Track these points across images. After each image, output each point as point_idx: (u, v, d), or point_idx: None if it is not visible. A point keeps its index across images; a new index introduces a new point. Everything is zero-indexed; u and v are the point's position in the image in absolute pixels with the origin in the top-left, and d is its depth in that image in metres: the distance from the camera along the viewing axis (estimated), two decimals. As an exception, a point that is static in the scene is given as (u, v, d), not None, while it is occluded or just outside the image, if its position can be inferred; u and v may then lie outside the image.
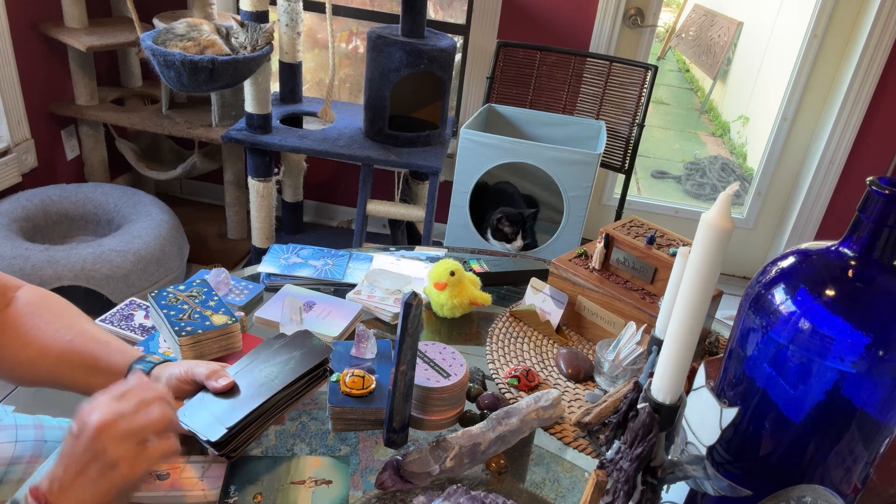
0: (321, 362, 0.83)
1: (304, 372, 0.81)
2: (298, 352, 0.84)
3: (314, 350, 0.84)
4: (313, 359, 0.83)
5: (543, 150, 1.89)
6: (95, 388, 0.79)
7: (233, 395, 0.78)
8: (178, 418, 0.72)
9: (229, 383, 0.78)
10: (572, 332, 1.16)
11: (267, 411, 0.78)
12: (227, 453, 0.76)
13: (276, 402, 0.79)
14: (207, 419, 0.76)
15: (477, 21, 2.52)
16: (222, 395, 0.78)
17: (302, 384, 0.82)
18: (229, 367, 0.82)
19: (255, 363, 0.83)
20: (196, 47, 1.91)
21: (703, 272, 0.58)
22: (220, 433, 0.74)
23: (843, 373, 0.61)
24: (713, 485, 0.61)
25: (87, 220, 2.34)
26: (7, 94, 2.20)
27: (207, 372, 0.78)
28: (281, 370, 0.81)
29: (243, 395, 0.78)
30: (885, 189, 0.60)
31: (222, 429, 0.74)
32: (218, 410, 0.76)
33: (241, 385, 0.79)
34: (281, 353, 0.84)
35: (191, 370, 0.79)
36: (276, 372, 0.81)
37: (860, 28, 2.45)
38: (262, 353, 0.84)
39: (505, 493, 0.84)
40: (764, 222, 2.91)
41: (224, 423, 0.75)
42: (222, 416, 0.76)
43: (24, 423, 0.81)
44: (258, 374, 0.81)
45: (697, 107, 5.44)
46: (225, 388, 0.78)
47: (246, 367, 0.82)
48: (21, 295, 0.84)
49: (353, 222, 2.96)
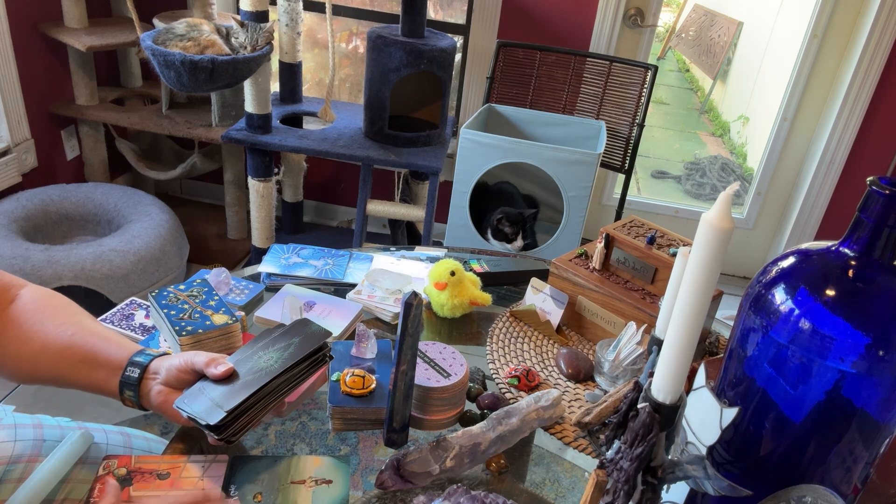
0: (320, 346, 0.82)
1: (303, 356, 0.81)
2: (297, 338, 0.84)
3: (313, 335, 0.84)
4: (312, 343, 0.82)
5: (543, 150, 1.89)
6: (96, 383, 0.80)
7: (232, 381, 0.78)
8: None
9: (228, 369, 0.78)
10: (572, 332, 1.16)
11: (266, 396, 0.78)
12: (227, 437, 0.75)
13: (276, 386, 0.79)
14: (206, 404, 0.75)
15: (477, 21, 2.52)
16: (222, 381, 0.78)
17: (302, 369, 0.81)
18: (229, 356, 0.82)
19: (254, 351, 0.83)
20: (196, 47, 1.91)
21: (704, 272, 0.58)
22: (219, 416, 0.74)
23: (843, 373, 0.61)
24: (713, 485, 0.61)
25: (87, 220, 2.34)
26: (7, 94, 2.20)
27: (207, 360, 0.78)
28: (280, 356, 0.81)
29: (242, 381, 0.78)
30: (885, 189, 0.60)
31: (221, 412, 0.74)
32: (217, 395, 0.76)
33: (240, 372, 0.79)
34: (280, 340, 0.84)
35: (190, 360, 0.79)
36: (276, 357, 0.81)
37: (860, 28, 2.45)
38: (262, 342, 0.84)
39: (505, 493, 0.84)
40: (764, 222, 2.91)
41: (223, 407, 0.74)
42: (221, 400, 0.75)
43: (22, 422, 0.81)
44: (257, 361, 0.81)
45: (697, 107, 5.44)
46: (224, 374, 0.77)
47: (245, 355, 0.82)
48: (24, 293, 0.84)
49: (353, 222, 2.96)
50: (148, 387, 0.78)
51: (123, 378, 0.78)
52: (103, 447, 0.83)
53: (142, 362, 0.79)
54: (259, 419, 0.79)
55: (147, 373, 0.79)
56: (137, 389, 0.78)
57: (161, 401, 0.78)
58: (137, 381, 0.78)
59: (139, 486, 0.74)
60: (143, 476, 0.75)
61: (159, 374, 0.79)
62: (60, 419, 0.86)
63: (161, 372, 0.79)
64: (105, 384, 0.79)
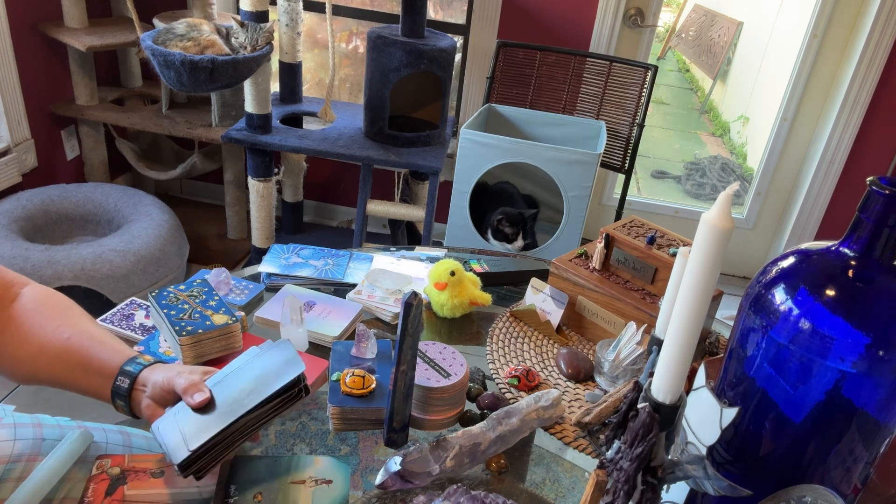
0: (294, 381, 0.77)
1: (273, 392, 0.77)
2: (275, 364, 0.80)
3: (289, 366, 0.79)
4: (287, 376, 0.77)
5: (543, 150, 1.89)
6: (91, 389, 0.79)
7: (207, 410, 0.75)
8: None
9: (204, 399, 0.76)
10: (572, 332, 1.16)
11: (235, 432, 0.75)
12: (192, 473, 0.73)
13: (246, 422, 0.76)
14: (176, 437, 0.74)
15: (477, 21, 2.52)
16: (197, 409, 0.76)
17: (274, 405, 0.77)
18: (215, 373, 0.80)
19: (235, 373, 0.80)
20: (196, 47, 1.91)
21: (703, 272, 0.58)
22: (183, 456, 0.72)
23: (843, 373, 0.61)
24: (713, 485, 0.61)
25: (87, 220, 2.34)
26: (7, 94, 2.20)
27: (185, 385, 0.76)
28: (255, 386, 0.77)
29: (216, 412, 0.75)
30: (885, 189, 0.60)
31: (186, 451, 0.72)
32: (187, 429, 0.74)
33: (217, 398, 0.77)
34: (260, 362, 0.81)
35: (171, 380, 0.77)
36: (250, 387, 0.77)
37: (860, 28, 2.45)
38: (245, 362, 0.81)
39: (505, 493, 0.84)
40: (764, 222, 2.91)
41: (189, 446, 0.72)
42: (189, 436, 0.73)
43: (22, 421, 0.81)
44: (234, 387, 0.78)
45: (697, 107, 5.44)
46: (199, 405, 0.75)
47: (226, 377, 0.80)
48: (26, 292, 0.84)
49: (353, 222, 2.96)
50: (139, 398, 0.79)
51: (114, 388, 0.78)
52: (103, 446, 0.83)
53: (131, 372, 0.78)
54: (228, 454, 0.76)
55: (136, 384, 0.78)
56: (128, 399, 0.78)
57: (149, 414, 0.78)
58: (127, 392, 0.78)
59: (133, 486, 0.74)
60: (137, 475, 0.75)
61: (147, 388, 0.78)
62: (60, 418, 0.86)
63: (148, 385, 0.78)
64: (99, 390, 0.79)
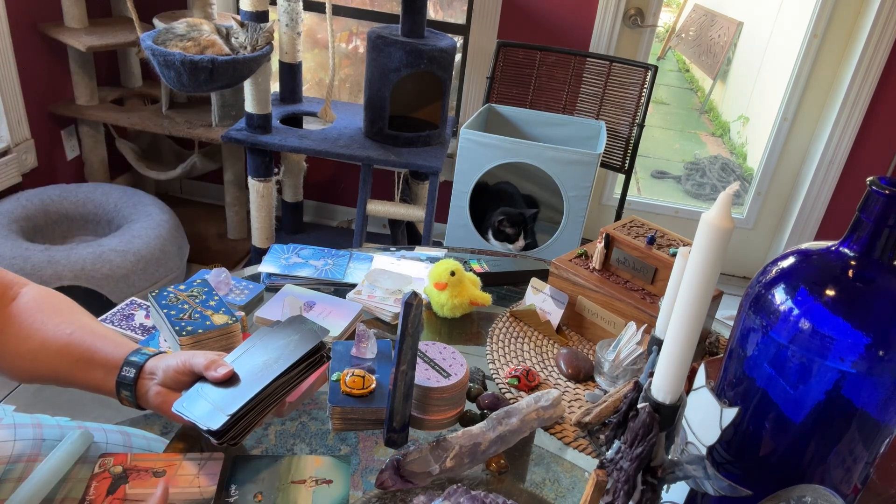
0: (318, 346, 0.82)
1: (302, 355, 0.80)
2: (296, 335, 0.84)
3: (311, 334, 0.84)
4: (310, 342, 0.82)
5: (543, 150, 1.89)
6: (94, 383, 0.79)
7: (231, 383, 0.77)
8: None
9: (228, 372, 0.77)
10: (572, 332, 1.16)
11: (267, 398, 0.78)
12: (228, 441, 0.75)
13: (276, 387, 0.78)
14: (206, 408, 0.75)
15: (477, 21, 2.52)
16: (221, 383, 0.77)
17: (301, 369, 0.81)
18: (227, 354, 0.82)
19: (252, 350, 0.82)
20: (196, 47, 1.91)
21: (703, 272, 0.58)
22: (221, 421, 0.73)
23: (843, 373, 0.61)
24: (713, 485, 0.61)
25: (87, 220, 2.34)
26: (7, 94, 2.20)
27: (206, 362, 0.78)
28: (279, 355, 0.81)
29: (242, 383, 0.77)
30: (885, 189, 0.60)
31: (223, 416, 0.73)
32: (217, 399, 0.75)
33: (239, 372, 0.79)
34: (278, 337, 0.84)
35: (188, 361, 0.78)
36: (275, 357, 0.80)
37: (860, 28, 2.45)
38: (259, 340, 0.84)
39: (505, 493, 0.84)
40: (764, 222, 2.91)
41: (225, 411, 0.74)
42: (222, 404, 0.75)
43: (22, 421, 0.81)
44: (256, 361, 0.80)
45: (697, 107, 5.44)
46: (224, 377, 0.77)
47: (243, 353, 0.82)
48: (26, 292, 0.84)
49: (353, 222, 2.96)
50: (145, 387, 0.78)
51: (119, 378, 0.78)
52: (103, 446, 0.83)
53: (137, 362, 0.79)
54: (259, 421, 0.78)
55: (143, 373, 0.78)
56: (133, 389, 0.78)
57: (160, 402, 0.77)
58: (133, 381, 0.78)
59: (135, 484, 0.74)
60: (138, 474, 0.75)
61: (156, 375, 0.78)
62: (60, 419, 0.86)
63: (158, 372, 0.78)
64: (103, 384, 0.79)
